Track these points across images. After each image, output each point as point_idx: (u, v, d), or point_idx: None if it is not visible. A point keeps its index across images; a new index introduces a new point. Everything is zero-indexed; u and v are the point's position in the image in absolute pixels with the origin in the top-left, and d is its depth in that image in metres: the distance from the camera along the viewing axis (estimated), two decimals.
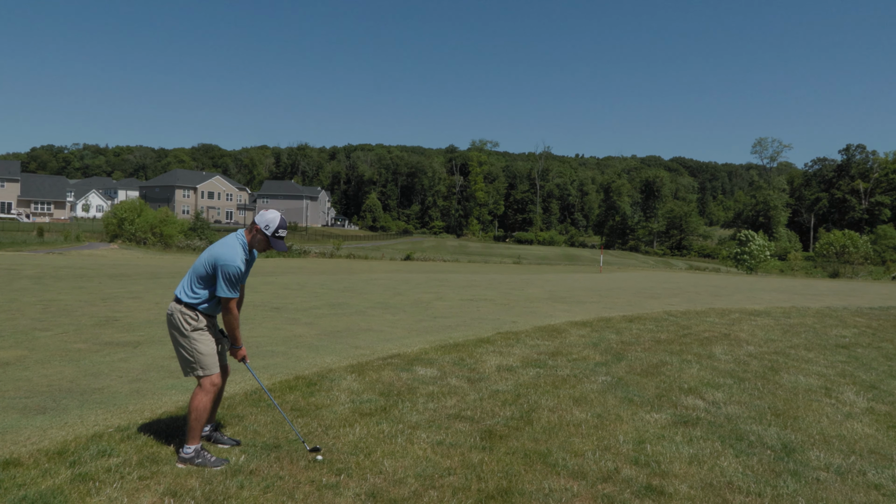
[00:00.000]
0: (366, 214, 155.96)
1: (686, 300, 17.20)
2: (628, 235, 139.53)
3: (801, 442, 5.10)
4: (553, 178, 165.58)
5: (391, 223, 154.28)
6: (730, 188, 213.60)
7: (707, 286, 25.00)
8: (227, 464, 4.14)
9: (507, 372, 7.03)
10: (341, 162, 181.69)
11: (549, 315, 12.41)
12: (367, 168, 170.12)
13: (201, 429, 4.21)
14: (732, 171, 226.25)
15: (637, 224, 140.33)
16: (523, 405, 5.71)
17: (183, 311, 4.26)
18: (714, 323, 12.03)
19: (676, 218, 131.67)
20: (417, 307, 13.23)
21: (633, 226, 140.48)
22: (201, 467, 4.06)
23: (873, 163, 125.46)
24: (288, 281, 19.49)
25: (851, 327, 12.45)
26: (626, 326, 10.99)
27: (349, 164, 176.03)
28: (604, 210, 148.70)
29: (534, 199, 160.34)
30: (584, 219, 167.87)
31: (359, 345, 8.36)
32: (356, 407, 5.42)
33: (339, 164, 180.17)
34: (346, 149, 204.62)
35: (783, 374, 7.68)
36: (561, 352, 8.36)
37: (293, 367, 6.87)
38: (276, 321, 10.42)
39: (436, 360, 7.43)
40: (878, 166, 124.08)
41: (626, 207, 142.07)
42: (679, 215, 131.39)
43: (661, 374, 7.29)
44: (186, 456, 4.13)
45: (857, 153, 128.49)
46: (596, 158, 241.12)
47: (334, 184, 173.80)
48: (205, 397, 4.23)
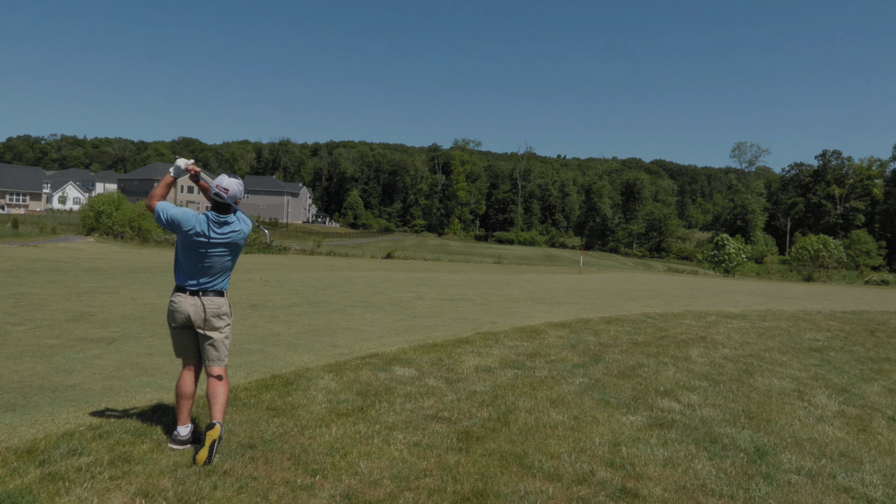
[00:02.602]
0: (347, 212, 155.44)
1: (664, 302, 17.32)
2: (608, 237, 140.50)
3: (773, 445, 5.15)
4: (535, 178, 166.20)
5: (372, 221, 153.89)
6: (709, 191, 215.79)
7: (685, 288, 25.22)
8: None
9: (485, 373, 7.03)
10: (323, 158, 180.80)
11: (529, 316, 12.43)
12: (349, 165, 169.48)
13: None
14: (711, 175, 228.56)
15: (617, 226, 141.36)
16: (500, 406, 5.72)
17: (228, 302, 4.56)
18: (691, 325, 12.12)
19: (656, 220, 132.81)
20: (397, 306, 13.19)
21: (613, 227, 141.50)
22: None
23: (848, 169, 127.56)
24: (267, 277, 19.35)
25: (825, 331, 12.62)
26: (604, 328, 11.04)
27: (331, 161, 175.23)
28: (584, 211, 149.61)
29: (515, 200, 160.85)
30: (564, 220, 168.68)
31: (337, 344, 8.32)
32: (333, 407, 5.39)
33: (322, 160, 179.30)
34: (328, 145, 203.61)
35: (757, 376, 7.76)
36: (539, 353, 8.37)
37: (270, 365, 6.82)
38: (254, 318, 10.33)
39: (414, 360, 7.41)
40: (853, 172, 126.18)
41: (606, 209, 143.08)
42: (658, 218, 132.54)
43: (637, 376, 7.33)
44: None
45: (832, 159, 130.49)
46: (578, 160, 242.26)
47: (316, 180, 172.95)
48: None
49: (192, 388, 4.47)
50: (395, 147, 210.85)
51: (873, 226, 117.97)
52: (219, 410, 4.29)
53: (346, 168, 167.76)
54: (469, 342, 8.81)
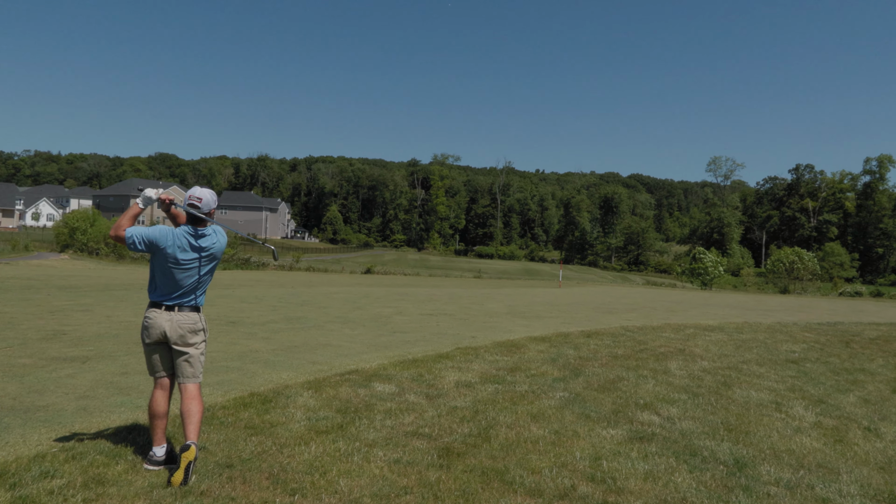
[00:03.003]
0: (326, 227, 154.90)
1: (643, 315, 17.45)
2: (587, 251, 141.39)
3: (752, 457, 5.19)
4: (514, 192, 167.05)
5: (352, 236, 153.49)
6: (685, 205, 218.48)
7: (663, 301, 25.42)
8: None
9: (465, 388, 7.01)
10: (302, 174, 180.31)
11: (509, 330, 12.45)
12: (328, 180, 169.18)
13: None
14: (688, 189, 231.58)
15: (596, 239, 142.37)
16: (481, 422, 5.70)
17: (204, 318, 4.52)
18: (670, 338, 12.21)
19: (634, 234, 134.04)
20: (377, 322, 13.14)
21: (591, 241, 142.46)
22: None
23: (821, 182, 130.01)
24: (245, 294, 19.19)
25: (801, 342, 12.78)
26: (584, 342, 11.08)
27: (310, 176, 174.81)
28: (563, 225, 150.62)
29: (495, 214, 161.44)
30: (543, 234, 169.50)
31: (316, 360, 8.25)
32: (312, 424, 5.34)
33: (300, 175, 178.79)
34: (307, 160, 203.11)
35: (736, 389, 7.83)
36: (519, 367, 8.37)
37: (248, 383, 6.74)
38: (232, 335, 10.22)
39: (394, 376, 7.37)
40: (826, 186, 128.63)
41: (585, 223, 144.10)
42: (637, 231, 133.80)
43: (617, 389, 7.36)
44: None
45: (805, 173, 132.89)
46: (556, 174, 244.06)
47: (295, 195, 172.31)
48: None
49: (164, 407, 4.40)
50: (375, 162, 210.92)
51: (846, 238, 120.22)
52: (193, 430, 4.23)
53: (325, 183, 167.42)
54: (449, 357, 8.79)
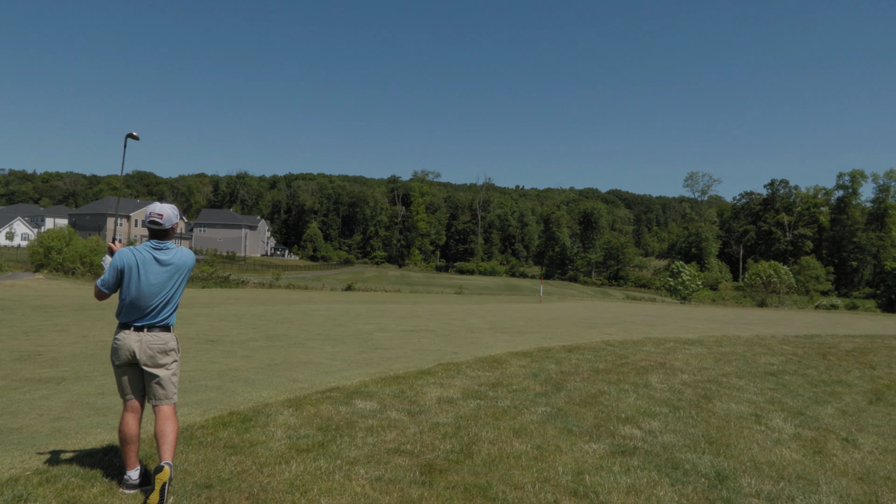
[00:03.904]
0: (306, 244, 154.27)
1: (623, 330, 17.54)
2: (567, 266, 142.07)
3: (733, 469, 5.21)
4: (494, 209, 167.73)
5: (332, 253, 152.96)
6: (664, 220, 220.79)
7: (643, 315, 25.58)
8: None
9: (447, 404, 6.99)
10: (282, 191, 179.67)
11: (490, 346, 12.45)
12: (308, 197, 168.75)
13: None
14: (666, 204, 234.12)
15: (576, 255, 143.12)
16: (463, 438, 5.68)
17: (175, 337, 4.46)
18: (650, 352, 12.28)
19: (613, 249, 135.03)
20: (358, 338, 13.08)
21: (571, 256, 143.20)
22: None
23: (796, 197, 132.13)
24: (224, 312, 19.01)
25: (779, 355, 12.91)
26: (565, 356, 11.11)
27: (290, 193, 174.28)
28: (544, 241, 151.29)
29: (475, 230, 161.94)
30: (524, 249, 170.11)
31: (297, 378, 8.18)
32: (293, 443, 5.28)
33: (280, 193, 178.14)
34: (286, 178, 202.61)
35: (716, 401, 7.88)
36: (501, 383, 8.37)
37: (227, 402, 6.66)
38: (211, 354, 10.11)
39: (376, 393, 7.33)
40: (801, 200, 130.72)
41: (565, 238, 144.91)
42: (616, 246, 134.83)
43: (599, 403, 7.37)
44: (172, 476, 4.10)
45: (780, 188, 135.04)
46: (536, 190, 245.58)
47: (274, 213, 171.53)
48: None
49: (135, 430, 4.31)
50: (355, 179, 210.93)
51: (821, 252, 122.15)
52: (168, 451, 4.16)
53: (305, 200, 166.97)
54: (431, 373, 8.77)
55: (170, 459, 4.12)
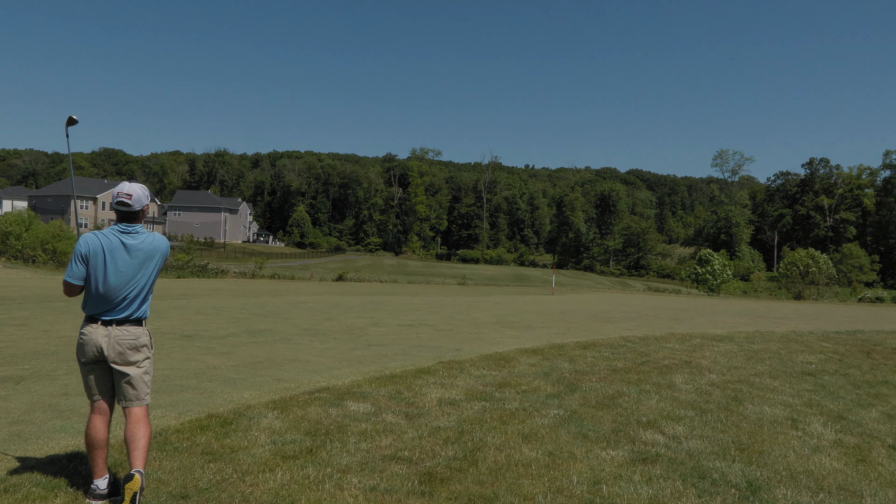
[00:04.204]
0: (293, 229, 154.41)
1: (644, 324, 17.55)
2: (582, 254, 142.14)
3: (766, 479, 5.21)
4: (501, 190, 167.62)
5: (321, 239, 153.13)
6: (689, 203, 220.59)
7: (667, 309, 25.61)
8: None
9: (449, 406, 6.99)
10: (265, 171, 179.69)
11: (497, 342, 12.46)
12: (294, 178, 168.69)
13: None
14: (692, 185, 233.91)
15: (592, 241, 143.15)
16: (467, 443, 5.68)
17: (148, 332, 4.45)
18: (674, 349, 12.29)
19: (633, 235, 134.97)
20: (350, 334, 13.10)
21: (587, 243, 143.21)
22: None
23: (837, 178, 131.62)
24: (202, 305, 19.03)
25: (817, 353, 12.91)
26: (580, 354, 11.12)
27: (274, 174, 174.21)
28: (556, 226, 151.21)
29: (480, 214, 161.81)
30: (534, 235, 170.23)
31: (282, 377, 8.20)
32: (278, 449, 5.29)
33: (263, 173, 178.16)
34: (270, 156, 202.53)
35: (747, 404, 7.88)
36: (509, 383, 8.38)
37: (206, 403, 6.67)
38: (188, 351, 10.13)
39: (370, 394, 7.34)
40: (842, 181, 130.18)
41: (579, 223, 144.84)
42: (636, 232, 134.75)
43: (617, 406, 7.38)
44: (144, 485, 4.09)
45: (820, 167, 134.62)
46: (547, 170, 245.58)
47: (257, 195, 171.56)
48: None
49: (104, 434, 4.31)
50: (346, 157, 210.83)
51: (865, 239, 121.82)
52: (139, 457, 4.15)
53: (292, 181, 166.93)
54: (431, 372, 8.78)
55: (141, 467, 4.12)
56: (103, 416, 4.33)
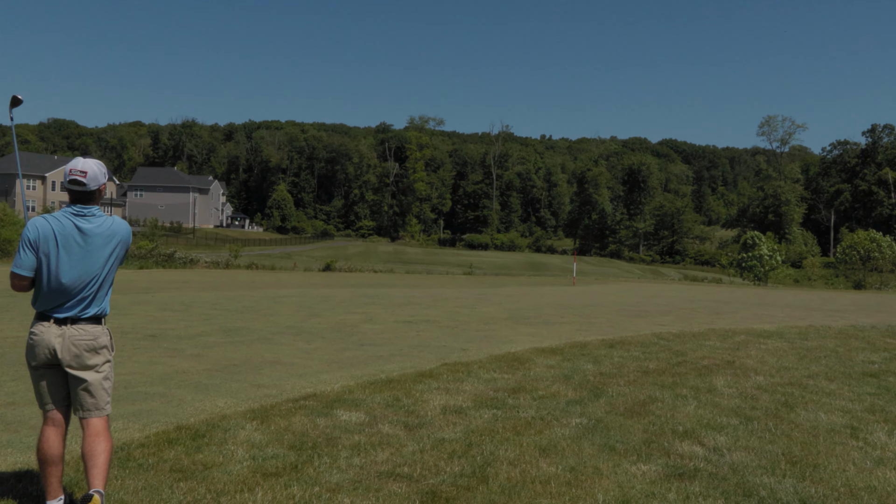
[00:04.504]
0: (273, 212, 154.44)
1: (680, 319, 17.53)
2: (608, 238, 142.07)
3: (822, 496, 5.21)
4: (513, 165, 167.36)
5: (306, 223, 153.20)
6: (732, 178, 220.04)
7: (706, 301, 25.58)
8: None
9: (455, 415, 7.00)
10: (240, 144, 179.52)
11: (510, 340, 12.48)
12: (273, 152, 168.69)
13: None
14: (735, 157, 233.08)
15: (619, 223, 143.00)
16: (476, 458, 5.69)
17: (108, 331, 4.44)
18: (715, 347, 12.28)
19: (667, 215, 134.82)
20: (340, 332, 13.13)
21: (613, 225, 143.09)
22: None
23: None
24: (169, 299, 19.07)
25: (881, 350, 12.89)
26: (605, 354, 11.12)
27: (251, 147, 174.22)
28: (577, 206, 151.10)
29: (489, 193, 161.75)
30: (552, 217, 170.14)
31: (262, 383, 8.22)
32: (258, 465, 5.30)
33: (238, 146, 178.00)
34: (246, 127, 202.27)
35: (800, 410, 7.87)
36: (524, 387, 8.38)
37: (174, 413, 6.69)
38: (152, 353, 10.15)
39: (363, 401, 7.36)
40: None
41: (604, 202, 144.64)
42: (671, 212, 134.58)
43: (649, 413, 7.38)
44: None
45: (884, 135, 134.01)
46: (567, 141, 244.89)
47: (231, 172, 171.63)
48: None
49: (58, 448, 4.31)
50: (334, 128, 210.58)
51: None
52: (99, 475, 4.16)
53: (271, 156, 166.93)
54: (434, 376, 8.80)
55: (101, 487, 4.13)
56: (57, 428, 4.33)
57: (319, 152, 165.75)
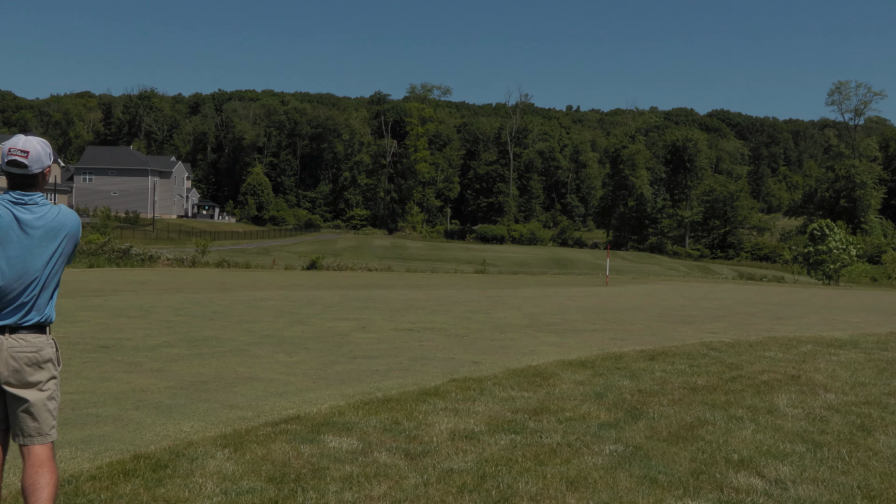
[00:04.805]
0: (247, 199, 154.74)
1: (734, 325, 17.49)
2: (648, 229, 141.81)
3: None
4: (534, 142, 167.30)
5: (287, 212, 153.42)
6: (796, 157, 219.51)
7: (765, 304, 25.50)
8: None
9: (465, 441, 6.99)
10: (209, 118, 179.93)
11: (530, 351, 12.48)
12: (248, 128, 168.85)
13: None
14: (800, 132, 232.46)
15: (660, 211, 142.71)
16: (491, 492, 5.68)
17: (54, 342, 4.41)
18: (776, 359, 12.24)
19: (718, 202, 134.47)
20: (328, 342, 13.15)
21: (654, 214, 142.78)
22: None
23: None
24: (124, 303, 19.10)
25: None
26: (645, 367, 11.11)
27: (221, 122, 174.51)
28: (610, 190, 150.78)
29: (505, 175, 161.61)
30: (580, 204, 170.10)
31: (235, 403, 8.23)
32: (231, 501, 5.31)
33: (206, 121, 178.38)
34: (215, 98, 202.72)
35: (879, 435, 7.85)
36: (548, 408, 8.37)
37: (131, 440, 6.70)
38: (105, 367, 10.17)
39: (356, 425, 7.35)
40: None
41: (643, 186, 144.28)
42: (722, 198, 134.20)
43: (698, 439, 7.36)
44: None
45: None
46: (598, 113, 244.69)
47: (198, 152, 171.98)
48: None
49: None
50: (320, 99, 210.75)
51: None
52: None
53: (245, 132, 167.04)
54: (440, 394, 8.79)
55: None
56: None
57: (303, 127, 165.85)
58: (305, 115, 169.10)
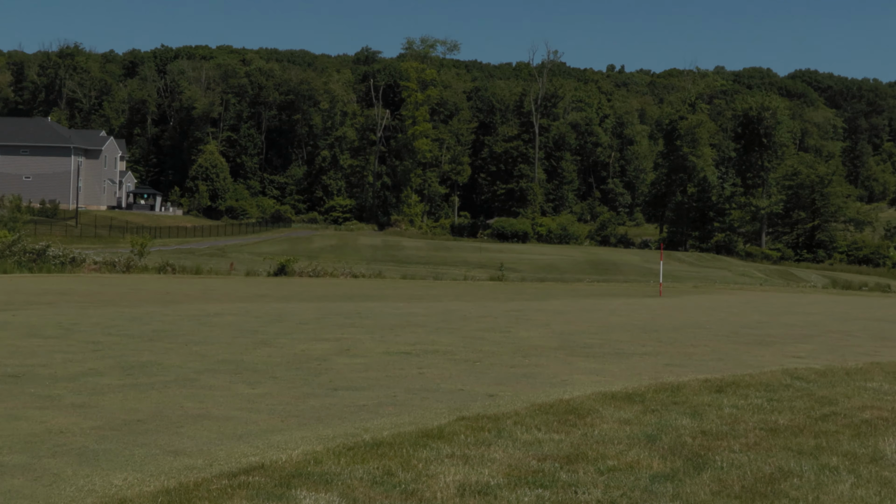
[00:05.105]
0: (197, 185, 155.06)
1: (826, 348, 17.46)
2: (713, 223, 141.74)
3: None
4: (566, 111, 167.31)
5: (248, 202, 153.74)
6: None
7: (866, 320, 25.47)
8: None
9: (478, 498, 6.96)
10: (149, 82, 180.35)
11: (562, 381, 12.45)
12: (199, 94, 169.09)
13: None
14: None
15: (729, 200, 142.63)
16: None
17: None
18: (881, 392, 12.21)
19: (804, 188, 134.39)
20: (301, 369, 13.14)
21: (721, 204, 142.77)
22: None
23: None
24: (39, 320, 19.12)
25: None
26: (710, 402, 11.07)
27: (164, 86, 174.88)
28: (664, 174, 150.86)
29: (529, 155, 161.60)
30: (626, 191, 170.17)
31: (182, 448, 8.20)
32: None
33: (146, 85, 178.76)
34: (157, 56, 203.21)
35: None
36: (585, 454, 8.34)
37: (46, 496, 6.68)
38: (13, 402, 10.17)
39: (337, 476, 7.32)
40: None
41: (707, 168, 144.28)
42: (809, 183, 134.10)
43: (781, 495, 7.33)
44: None
45: None
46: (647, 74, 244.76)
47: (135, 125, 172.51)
48: None
49: None
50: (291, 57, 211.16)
51: None
52: None
53: (195, 99, 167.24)
54: (445, 437, 8.76)
55: None
56: None
57: (269, 93, 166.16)
58: (273, 78, 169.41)
